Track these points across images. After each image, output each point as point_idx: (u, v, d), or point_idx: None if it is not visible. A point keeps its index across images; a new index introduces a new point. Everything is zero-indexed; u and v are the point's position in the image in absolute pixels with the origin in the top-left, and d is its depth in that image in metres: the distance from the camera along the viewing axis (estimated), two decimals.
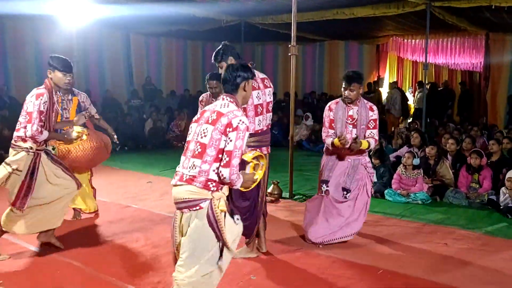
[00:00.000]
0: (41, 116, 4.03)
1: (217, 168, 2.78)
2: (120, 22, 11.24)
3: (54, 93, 4.20)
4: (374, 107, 4.57)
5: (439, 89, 13.13)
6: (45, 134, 4.10)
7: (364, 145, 4.38)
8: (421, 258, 4.29)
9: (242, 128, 2.78)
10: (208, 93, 4.57)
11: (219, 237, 2.79)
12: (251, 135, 3.85)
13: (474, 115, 12.84)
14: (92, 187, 5.47)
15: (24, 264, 4.09)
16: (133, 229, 5.05)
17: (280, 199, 6.37)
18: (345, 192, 4.58)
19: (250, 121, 3.86)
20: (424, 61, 9.45)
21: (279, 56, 15.32)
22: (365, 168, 4.63)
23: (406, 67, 15.41)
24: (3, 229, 4.21)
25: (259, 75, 3.98)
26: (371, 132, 4.51)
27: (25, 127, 4.03)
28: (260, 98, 3.92)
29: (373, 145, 4.51)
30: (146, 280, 3.77)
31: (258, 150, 3.84)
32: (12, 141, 4.13)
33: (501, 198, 5.85)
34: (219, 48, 3.97)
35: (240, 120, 2.79)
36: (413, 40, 13.54)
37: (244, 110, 3.78)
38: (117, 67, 13.25)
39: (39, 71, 11.61)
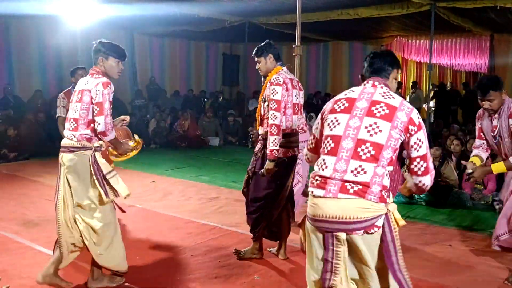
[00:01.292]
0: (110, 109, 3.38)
1: (390, 172, 2.28)
2: (124, 22, 11.26)
3: None
4: None
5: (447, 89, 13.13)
6: (113, 133, 3.44)
7: (501, 169, 3.49)
8: (425, 260, 4.27)
9: (423, 124, 2.33)
10: None
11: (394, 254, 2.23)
12: (287, 135, 3.89)
13: None
14: None
15: (30, 262, 4.09)
16: (136, 229, 5.05)
17: None
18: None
19: (288, 119, 3.90)
20: (428, 62, 9.42)
21: (283, 56, 15.27)
22: None
23: (410, 68, 15.38)
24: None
25: (294, 77, 4.08)
26: None
27: (93, 121, 3.36)
28: (297, 98, 4.00)
29: None
30: (149, 279, 3.77)
31: (291, 151, 3.94)
32: (70, 143, 3.39)
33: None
34: (262, 44, 4.08)
35: (418, 114, 2.33)
36: (418, 41, 13.52)
37: (284, 107, 3.84)
38: None
39: (43, 71, 11.67)
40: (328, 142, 2.33)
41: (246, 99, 13.90)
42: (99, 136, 3.38)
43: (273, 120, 3.78)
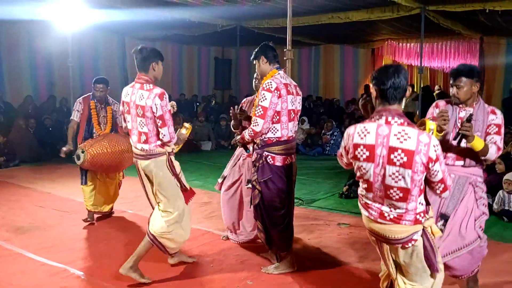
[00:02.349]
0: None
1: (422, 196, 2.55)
2: (116, 26, 11.24)
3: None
4: (498, 111, 3.44)
5: (435, 93, 13.18)
6: (176, 137, 3.77)
7: (478, 144, 3.15)
8: None
9: (440, 152, 2.44)
10: (252, 97, 4.83)
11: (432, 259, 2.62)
12: (283, 142, 3.82)
13: None
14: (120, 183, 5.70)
15: (20, 269, 4.05)
16: (128, 235, 5.02)
17: None
18: (442, 221, 3.37)
19: (283, 127, 3.80)
20: (419, 65, 9.48)
21: None
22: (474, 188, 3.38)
23: None
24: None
25: (292, 81, 3.96)
26: (492, 137, 3.28)
27: (157, 134, 3.66)
28: (293, 104, 3.86)
29: (494, 153, 3.23)
30: (142, 284, 3.75)
31: (289, 158, 3.87)
32: (144, 153, 3.71)
33: (497, 200, 5.85)
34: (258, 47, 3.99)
35: (435, 146, 2.40)
36: (408, 44, 13.62)
37: (278, 114, 3.74)
38: (112, 71, 13.20)
39: (34, 76, 11.60)
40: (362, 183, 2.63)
41: (238, 103, 13.89)
42: (165, 144, 3.70)
43: (254, 126, 3.73)
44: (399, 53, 13.96)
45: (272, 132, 3.80)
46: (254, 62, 3.98)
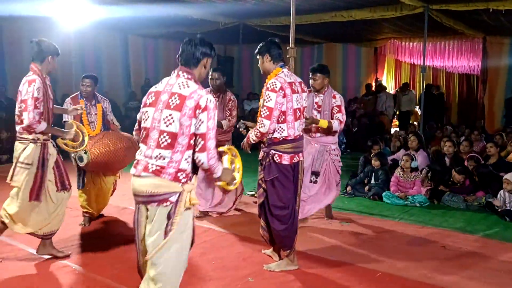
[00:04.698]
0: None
1: (190, 156, 2.60)
2: (118, 23, 11.23)
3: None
4: (337, 95, 5.09)
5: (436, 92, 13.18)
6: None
7: (322, 123, 4.88)
8: (419, 261, 4.28)
9: (211, 107, 2.59)
10: (208, 89, 5.10)
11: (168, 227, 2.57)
12: (290, 141, 3.79)
13: (471, 118, 12.89)
14: (114, 189, 5.54)
15: (20, 266, 4.06)
16: (129, 231, 5.03)
17: None
18: (314, 176, 5.08)
19: (290, 127, 3.77)
20: (421, 64, 9.46)
21: None
22: (329, 154, 5.12)
23: (404, 70, 15.43)
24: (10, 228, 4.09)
25: (297, 78, 3.92)
26: (336, 115, 4.99)
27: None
28: (299, 102, 3.82)
29: (337, 126, 4.95)
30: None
31: (296, 156, 3.86)
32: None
33: (498, 199, 5.85)
34: (265, 41, 3.92)
35: (208, 99, 2.59)
36: (411, 43, 13.58)
37: (284, 114, 3.71)
38: (114, 68, 13.23)
39: None
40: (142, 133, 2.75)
41: (239, 101, 13.90)
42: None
43: (260, 128, 3.71)
44: (401, 52, 13.92)
45: (279, 132, 3.78)
46: (258, 57, 3.91)
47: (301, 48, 14.20)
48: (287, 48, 6.21)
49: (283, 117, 3.72)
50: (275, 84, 3.67)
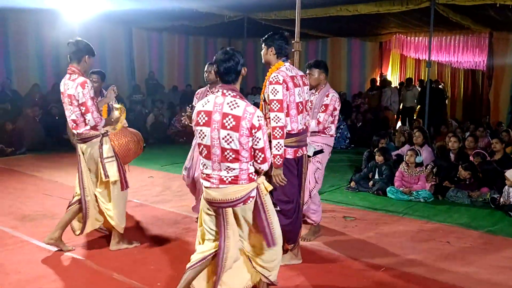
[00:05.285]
0: None
1: (254, 162, 2.96)
2: (123, 16, 11.21)
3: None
4: (330, 95, 4.60)
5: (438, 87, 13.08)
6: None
7: None
8: (423, 256, 4.27)
9: (263, 124, 2.90)
10: (204, 88, 5.05)
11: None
12: (294, 135, 3.76)
13: (476, 114, 12.83)
14: None
15: (27, 257, 4.08)
16: (134, 224, 5.05)
17: None
18: None
19: (293, 121, 3.73)
20: (427, 59, 9.40)
21: None
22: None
23: (409, 65, 15.36)
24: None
25: (298, 72, 3.89)
26: (318, 115, 4.56)
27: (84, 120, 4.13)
28: (301, 96, 3.78)
29: (314, 126, 4.51)
30: (147, 273, 3.77)
31: (300, 150, 3.85)
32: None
33: (503, 195, 5.83)
34: (272, 33, 3.87)
35: (258, 117, 2.86)
36: (416, 38, 13.51)
37: (287, 108, 3.66)
38: (119, 61, 13.23)
39: (41, 65, 11.61)
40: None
41: (244, 95, 13.88)
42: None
43: (276, 122, 3.54)
44: (407, 46, 13.85)
45: None
46: (263, 46, 3.85)
47: (306, 42, 14.15)
48: (292, 42, 6.19)
49: (286, 111, 3.68)
50: (278, 78, 3.63)
